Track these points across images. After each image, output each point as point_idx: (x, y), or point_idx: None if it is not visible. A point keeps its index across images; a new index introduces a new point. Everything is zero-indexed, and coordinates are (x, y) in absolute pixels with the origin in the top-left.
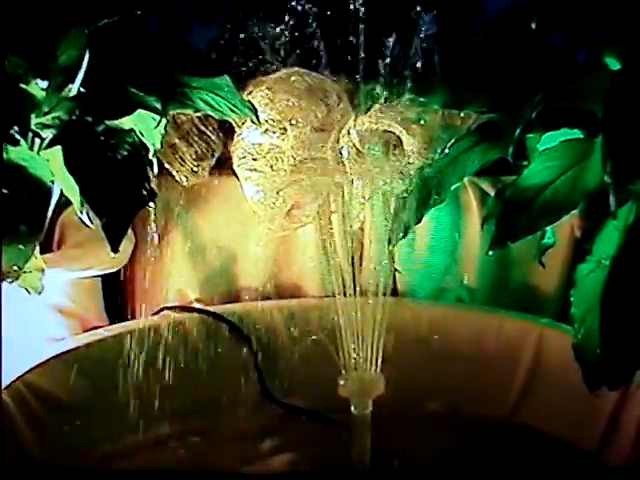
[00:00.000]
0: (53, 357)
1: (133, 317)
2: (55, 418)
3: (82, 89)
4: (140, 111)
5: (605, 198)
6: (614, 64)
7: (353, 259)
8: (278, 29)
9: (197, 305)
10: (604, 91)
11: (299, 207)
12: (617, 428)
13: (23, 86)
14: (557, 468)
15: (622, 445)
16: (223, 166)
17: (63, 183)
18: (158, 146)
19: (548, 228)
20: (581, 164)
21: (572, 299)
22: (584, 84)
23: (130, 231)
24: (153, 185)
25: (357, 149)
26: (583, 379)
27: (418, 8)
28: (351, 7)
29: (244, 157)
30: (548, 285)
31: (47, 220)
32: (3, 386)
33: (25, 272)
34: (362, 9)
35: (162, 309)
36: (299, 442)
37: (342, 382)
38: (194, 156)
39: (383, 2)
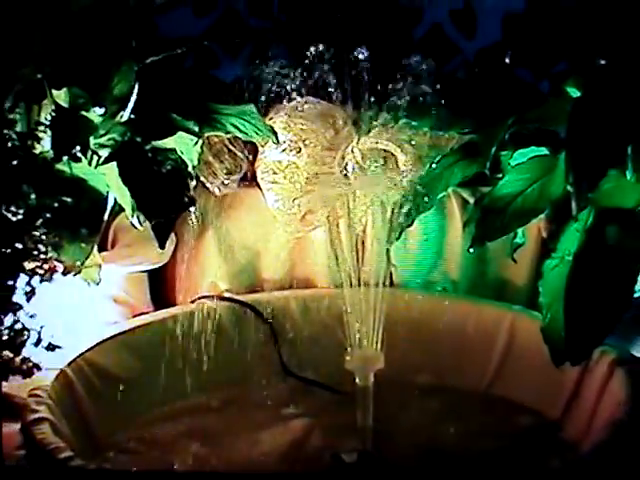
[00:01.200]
0: (108, 338)
1: (174, 304)
2: (109, 389)
3: (132, 115)
4: (180, 133)
5: (567, 204)
6: (574, 92)
7: (357, 256)
8: (295, 66)
9: (227, 294)
10: (565, 115)
11: (312, 213)
12: (578, 397)
13: (84, 113)
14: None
15: (582, 411)
16: (249, 179)
17: (117, 193)
18: (195, 162)
19: (519, 230)
20: (547, 176)
21: (540, 289)
22: (548, 109)
23: (172, 233)
24: (191, 194)
25: (360, 165)
26: (550, 356)
27: (410, 50)
28: (355, 48)
29: (266, 172)
30: (519, 278)
31: (103, 224)
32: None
33: (85, 267)
34: (364, 50)
35: (198, 298)
36: (312, 408)
37: (348, 358)
38: (225, 171)
39: (381, 44)
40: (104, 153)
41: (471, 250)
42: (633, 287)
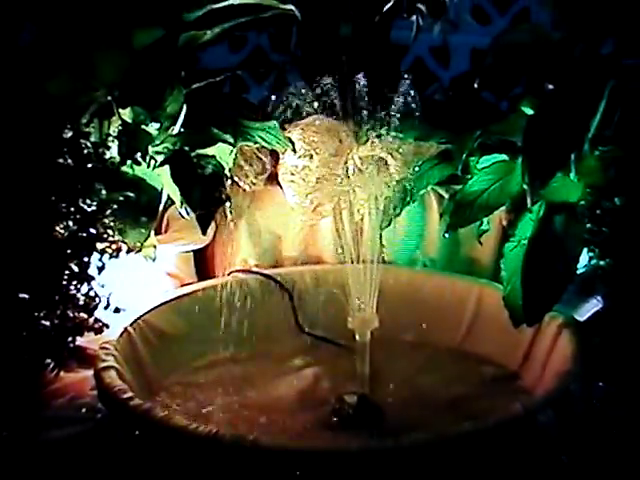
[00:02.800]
0: (162, 303)
1: (213, 277)
2: (162, 343)
3: (181, 129)
4: (219, 143)
5: (523, 199)
6: (528, 110)
7: (356, 239)
8: (308, 91)
9: (255, 269)
10: (521, 128)
11: (321, 205)
12: (533, 352)
13: (143, 127)
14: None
15: (536, 364)
16: (272, 179)
17: (169, 190)
18: (230, 166)
19: (484, 219)
20: (507, 177)
21: (502, 266)
22: (507, 124)
23: (212, 221)
24: (227, 191)
25: (359, 168)
26: (510, 319)
27: (398, 77)
28: (355, 76)
29: (285, 173)
30: (485, 257)
31: (158, 213)
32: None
33: (144, 247)
34: (362, 78)
35: (232, 271)
36: (321, 359)
37: (350, 319)
38: (253, 173)
39: (375, 73)
40: (159, 158)
41: (446, 235)
42: (576, 265)
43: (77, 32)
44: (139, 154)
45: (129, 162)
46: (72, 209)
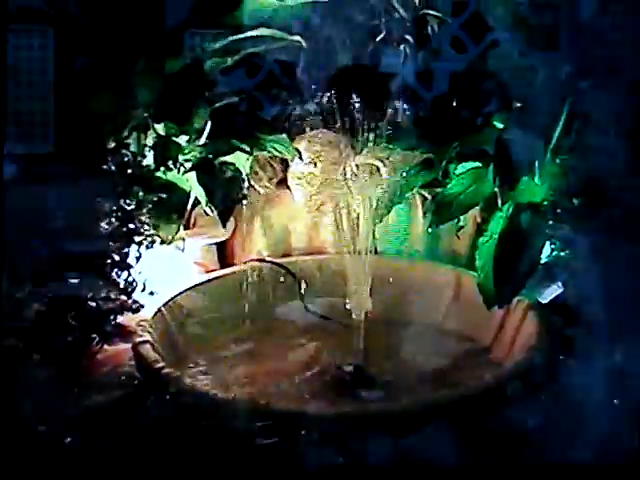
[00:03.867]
0: (190, 287)
1: (233, 265)
2: (189, 321)
3: (206, 140)
4: (238, 152)
5: (494, 200)
6: (499, 124)
7: (353, 234)
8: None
9: (268, 258)
10: (493, 140)
11: (324, 205)
12: (503, 330)
13: (174, 139)
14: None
15: (506, 340)
16: (282, 183)
17: (196, 191)
18: (247, 171)
19: (461, 217)
20: (480, 181)
21: (476, 257)
22: (481, 136)
23: (232, 217)
24: (244, 192)
25: (355, 173)
26: (483, 302)
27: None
28: (352, 98)
29: (294, 178)
30: (462, 249)
31: (187, 212)
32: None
33: (175, 240)
34: (358, 99)
35: (249, 260)
36: (323, 335)
37: (348, 301)
38: (267, 177)
39: (370, 96)
40: (187, 165)
41: (429, 230)
42: (539, 256)
43: (119, 61)
44: (170, 162)
45: (162, 168)
46: (114, 208)
